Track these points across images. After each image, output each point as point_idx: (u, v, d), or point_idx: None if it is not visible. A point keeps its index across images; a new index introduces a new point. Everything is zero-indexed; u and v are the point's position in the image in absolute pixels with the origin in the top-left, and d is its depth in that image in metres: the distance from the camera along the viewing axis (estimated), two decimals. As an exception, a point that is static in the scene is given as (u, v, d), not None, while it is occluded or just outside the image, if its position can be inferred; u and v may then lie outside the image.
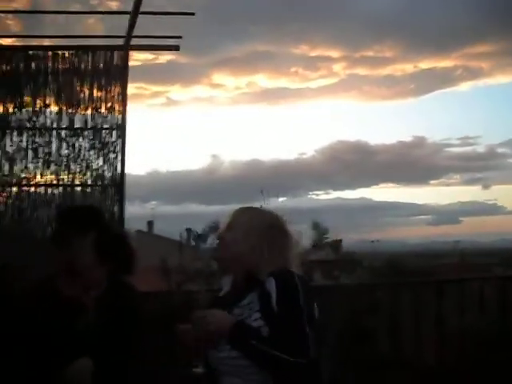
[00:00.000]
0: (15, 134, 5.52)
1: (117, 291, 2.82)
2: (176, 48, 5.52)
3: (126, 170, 5.59)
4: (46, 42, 5.61)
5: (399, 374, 4.58)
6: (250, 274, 2.30)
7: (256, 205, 2.61)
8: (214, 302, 2.45)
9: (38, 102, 5.55)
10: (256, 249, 2.30)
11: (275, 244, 2.32)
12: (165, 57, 6.95)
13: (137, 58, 6.00)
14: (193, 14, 4.75)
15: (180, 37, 5.32)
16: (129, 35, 5.32)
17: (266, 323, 2.16)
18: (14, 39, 5.70)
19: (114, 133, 5.55)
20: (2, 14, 5.49)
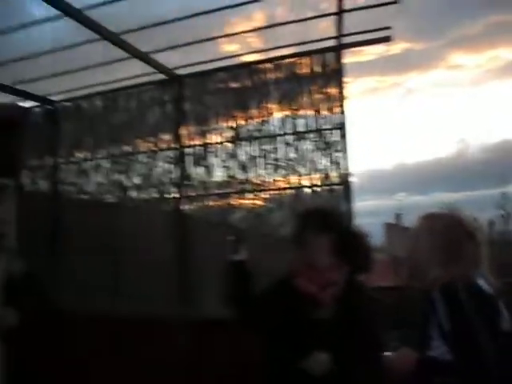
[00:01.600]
0: (245, 143, 6.02)
1: (353, 290, 2.92)
2: (387, 39, 5.45)
3: (370, 166, 5.68)
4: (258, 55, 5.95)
5: None
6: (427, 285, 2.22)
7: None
8: None
9: (263, 111, 5.98)
10: (426, 261, 2.24)
11: (447, 255, 2.20)
12: (398, 46, 6.87)
13: (370, 52, 6.03)
14: (395, 2, 4.65)
15: (389, 27, 5.25)
16: (339, 35, 5.43)
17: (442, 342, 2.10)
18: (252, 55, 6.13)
19: (336, 132, 5.68)
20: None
